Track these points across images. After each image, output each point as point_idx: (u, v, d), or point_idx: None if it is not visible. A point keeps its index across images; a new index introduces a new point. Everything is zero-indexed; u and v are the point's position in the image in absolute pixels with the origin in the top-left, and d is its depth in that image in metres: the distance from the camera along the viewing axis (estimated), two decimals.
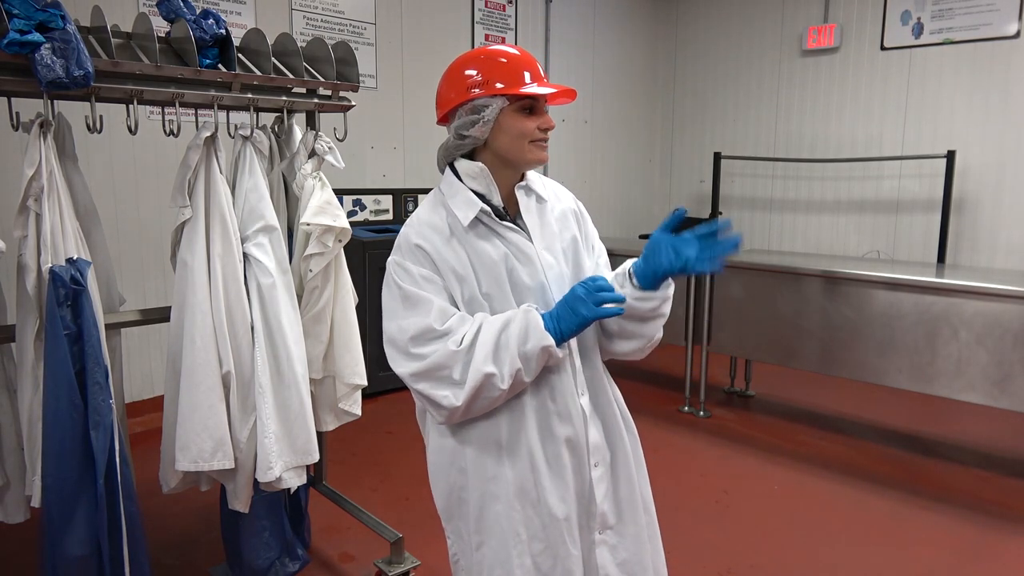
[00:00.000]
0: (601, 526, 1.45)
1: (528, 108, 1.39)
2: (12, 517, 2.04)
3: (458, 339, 1.32)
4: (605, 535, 1.46)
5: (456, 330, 1.33)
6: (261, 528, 2.38)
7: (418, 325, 1.34)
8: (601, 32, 6.47)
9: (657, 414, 4.24)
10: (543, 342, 1.30)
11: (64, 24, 1.79)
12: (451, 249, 1.38)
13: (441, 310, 1.35)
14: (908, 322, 3.40)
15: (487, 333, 1.32)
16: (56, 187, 1.84)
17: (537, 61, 1.43)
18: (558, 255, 1.45)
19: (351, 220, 3.49)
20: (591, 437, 1.44)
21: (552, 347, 1.31)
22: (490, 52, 1.41)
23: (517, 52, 1.42)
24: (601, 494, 1.45)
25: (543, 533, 1.40)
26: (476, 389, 1.31)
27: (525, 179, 1.47)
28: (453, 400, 1.32)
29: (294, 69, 2.28)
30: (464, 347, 1.31)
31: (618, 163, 6.82)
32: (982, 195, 5.24)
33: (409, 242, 1.40)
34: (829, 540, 2.83)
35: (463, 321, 1.35)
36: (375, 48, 4.91)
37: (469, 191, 1.40)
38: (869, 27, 5.66)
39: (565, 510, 1.40)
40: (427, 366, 1.33)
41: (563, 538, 1.40)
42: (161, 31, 2.12)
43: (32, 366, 1.88)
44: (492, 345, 1.31)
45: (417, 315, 1.34)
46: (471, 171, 1.41)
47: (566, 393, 1.41)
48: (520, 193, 1.45)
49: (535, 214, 1.46)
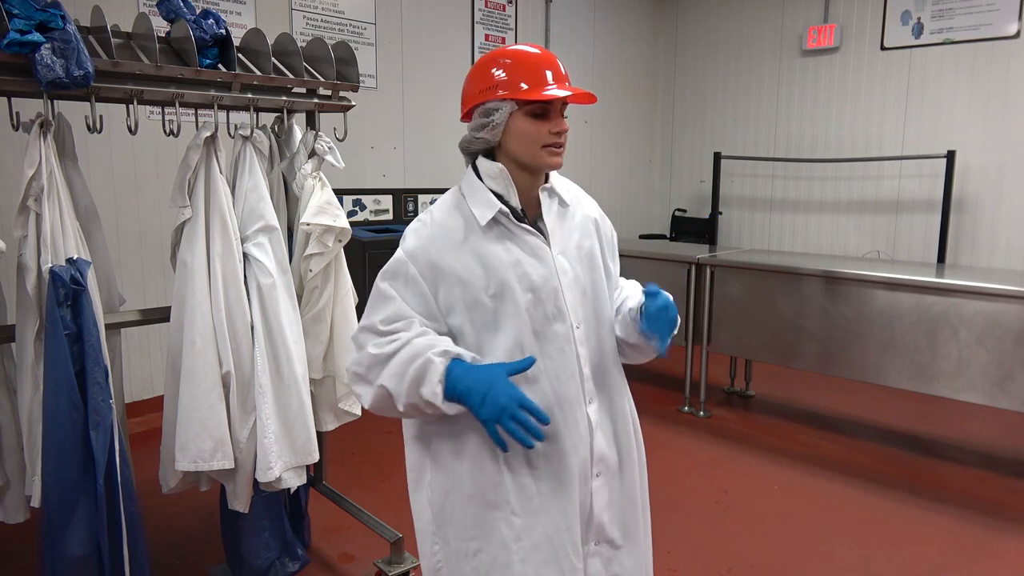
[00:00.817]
0: (597, 537, 1.43)
1: (539, 112, 1.35)
2: (12, 517, 2.04)
3: (383, 342, 1.32)
4: (601, 547, 1.43)
5: (392, 336, 1.32)
6: (261, 528, 2.38)
7: (366, 321, 1.37)
8: (601, 32, 6.47)
9: (657, 414, 4.24)
10: (433, 398, 1.27)
11: (64, 24, 1.79)
12: (457, 255, 1.36)
13: (395, 313, 1.34)
14: (908, 322, 3.39)
15: (404, 353, 1.30)
16: (56, 187, 1.84)
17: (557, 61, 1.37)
18: (574, 261, 1.42)
19: (351, 220, 3.49)
20: (596, 446, 1.41)
21: (438, 404, 1.28)
22: (509, 53, 1.38)
23: (537, 52, 1.38)
24: (600, 504, 1.42)
25: (547, 544, 1.37)
26: (377, 399, 1.33)
27: (549, 181, 1.44)
28: (364, 400, 1.36)
29: (294, 69, 2.28)
30: (383, 353, 1.31)
31: (618, 163, 6.82)
32: (982, 195, 5.24)
33: (408, 243, 1.39)
34: (829, 540, 2.83)
35: (408, 327, 1.33)
36: (375, 48, 4.91)
37: (488, 191, 1.39)
38: (869, 27, 5.66)
39: (568, 520, 1.37)
40: (353, 361, 1.36)
41: (566, 550, 1.37)
42: (161, 31, 2.12)
43: (32, 366, 1.88)
44: (399, 367, 1.29)
45: (373, 313, 1.36)
46: (491, 171, 1.40)
47: (573, 401, 1.39)
48: (543, 195, 1.43)
49: (556, 217, 1.43)
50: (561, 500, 1.37)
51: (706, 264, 4.12)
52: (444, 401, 1.27)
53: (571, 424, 1.38)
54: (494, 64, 1.36)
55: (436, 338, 1.32)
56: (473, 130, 1.39)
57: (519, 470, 1.37)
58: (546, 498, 1.37)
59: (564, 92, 1.32)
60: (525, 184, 1.42)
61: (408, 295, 1.35)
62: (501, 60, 1.37)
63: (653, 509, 1.59)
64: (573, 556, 1.38)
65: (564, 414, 1.38)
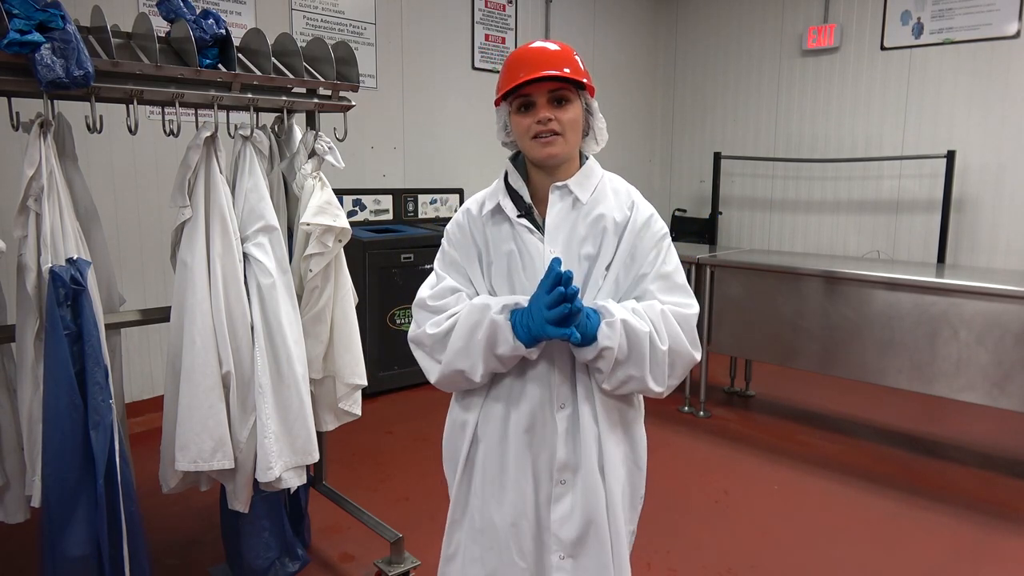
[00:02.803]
0: (559, 548, 1.41)
1: (524, 106, 1.38)
2: (12, 517, 2.04)
3: (439, 321, 1.41)
4: (565, 563, 1.41)
5: (443, 310, 1.42)
6: (261, 528, 2.38)
7: (420, 294, 1.47)
8: (601, 32, 6.47)
9: (657, 414, 4.23)
10: (514, 351, 1.35)
11: (64, 24, 1.79)
12: (483, 232, 1.46)
13: (445, 288, 1.44)
14: (908, 322, 3.40)
15: (460, 329, 1.38)
16: (56, 187, 1.84)
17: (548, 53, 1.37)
18: (572, 261, 1.40)
19: (351, 220, 3.49)
20: (559, 453, 1.40)
21: (523, 351, 1.35)
22: (510, 55, 1.44)
23: (526, 47, 1.41)
24: (559, 513, 1.41)
25: (485, 539, 1.47)
26: (449, 379, 1.43)
27: (567, 178, 1.43)
28: (434, 376, 1.44)
29: (294, 69, 2.28)
30: (440, 332, 1.40)
31: (618, 163, 6.80)
32: (982, 195, 5.24)
33: (453, 222, 1.52)
34: (829, 540, 2.83)
35: (457, 302, 1.43)
36: (375, 48, 4.91)
37: (504, 186, 1.47)
38: (869, 27, 5.66)
39: (511, 518, 1.43)
40: (413, 335, 1.46)
41: (509, 545, 1.43)
42: (161, 31, 2.12)
43: (32, 366, 1.88)
44: (463, 343, 1.37)
45: (427, 287, 1.48)
46: (510, 168, 1.49)
47: (544, 404, 1.41)
48: (554, 194, 1.43)
49: (561, 215, 1.42)
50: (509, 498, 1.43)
51: (706, 264, 4.12)
52: (527, 349, 1.34)
53: (540, 426, 1.42)
54: (501, 69, 1.44)
55: (484, 300, 1.39)
56: (497, 133, 1.50)
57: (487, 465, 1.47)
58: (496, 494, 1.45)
59: (530, 77, 1.33)
60: (540, 181, 1.45)
61: (450, 272, 1.48)
62: (504, 64, 1.43)
63: (653, 509, 1.59)
64: (516, 555, 1.43)
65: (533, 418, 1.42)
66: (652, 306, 1.38)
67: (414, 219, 5.12)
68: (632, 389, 1.39)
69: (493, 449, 1.44)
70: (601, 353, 1.32)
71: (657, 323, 1.36)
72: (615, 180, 1.51)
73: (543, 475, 1.42)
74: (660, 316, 1.37)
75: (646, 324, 1.34)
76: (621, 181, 1.52)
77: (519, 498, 1.42)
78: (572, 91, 1.38)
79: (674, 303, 1.40)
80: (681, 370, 1.41)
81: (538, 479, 1.42)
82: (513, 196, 1.45)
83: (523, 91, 1.36)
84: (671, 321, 1.37)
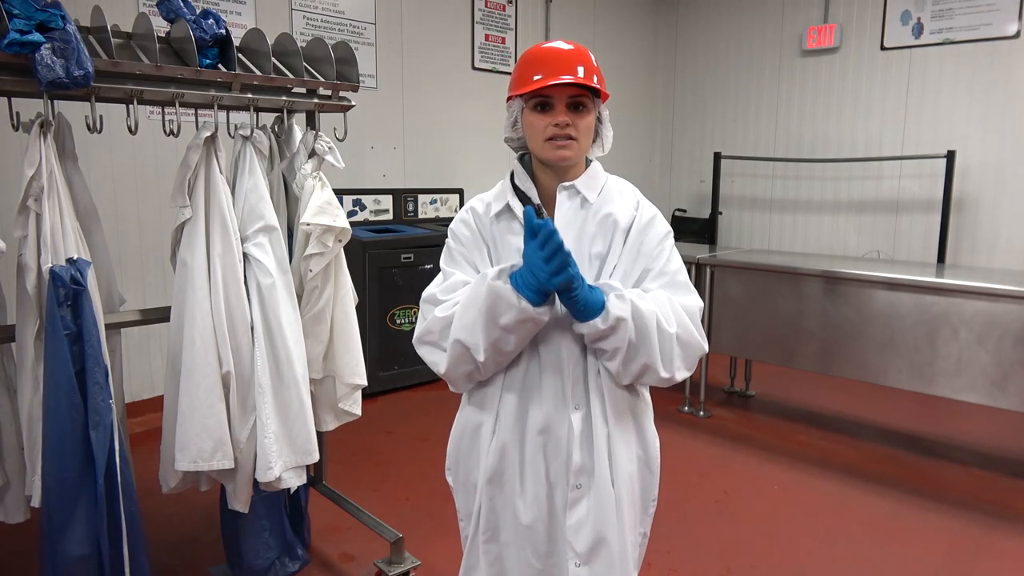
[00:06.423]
0: (574, 555, 1.40)
1: (541, 105, 1.37)
2: (12, 517, 2.04)
3: (447, 306, 1.38)
4: (581, 570, 1.40)
5: (451, 298, 1.39)
6: (261, 528, 2.38)
7: (429, 290, 1.44)
8: (601, 32, 6.47)
9: (657, 414, 4.21)
10: (521, 314, 1.27)
11: (64, 24, 1.79)
12: (491, 231, 1.46)
13: (455, 282, 1.41)
14: (908, 322, 3.39)
15: (463, 304, 1.35)
16: (56, 187, 1.84)
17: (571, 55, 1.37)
18: (582, 260, 1.40)
19: (351, 220, 3.49)
20: (575, 457, 1.38)
21: (531, 311, 1.27)
22: (529, 51, 1.42)
23: (550, 47, 1.40)
24: (575, 519, 1.39)
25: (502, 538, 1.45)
26: (456, 362, 1.36)
27: (574, 179, 1.43)
28: (442, 366, 1.38)
29: (294, 69, 2.28)
30: (449, 316, 1.36)
31: (618, 163, 6.82)
32: (982, 195, 5.24)
33: (457, 220, 1.51)
34: (829, 540, 2.83)
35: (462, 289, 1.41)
36: (375, 48, 4.91)
37: (511, 186, 1.46)
38: (869, 27, 5.66)
39: (530, 517, 1.42)
40: (420, 330, 1.41)
41: (524, 545, 1.43)
42: (161, 31, 2.12)
43: (32, 366, 1.88)
44: (467, 318, 1.33)
45: (434, 285, 1.45)
46: (517, 167, 1.48)
47: (558, 404, 1.39)
48: (562, 194, 1.43)
49: (567, 216, 1.42)
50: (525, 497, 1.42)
51: (706, 264, 4.12)
52: (536, 309, 1.27)
53: (556, 426, 1.40)
54: (518, 64, 1.43)
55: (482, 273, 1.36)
56: (505, 128, 1.47)
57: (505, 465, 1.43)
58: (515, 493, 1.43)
59: (553, 81, 1.33)
60: (547, 180, 1.46)
61: (460, 267, 1.46)
62: (521, 59, 1.42)
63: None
64: (532, 556, 1.43)
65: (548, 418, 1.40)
66: (657, 294, 1.38)
67: (414, 219, 5.12)
68: (647, 381, 1.40)
69: (510, 451, 1.42)
70: (615, 326, 1.29)
71: (664, 308, 1.35)
72: (619, 182, 1.52)
73: (559, 478, 1.41)
74: (667, 302, 1.37)
75: (652, 307, 1.33)
76: (624, 183, 1.53)
77: (535, 500, 1.41)
78: (590, 98, 1.39)
79: (678, 299, 1.41)
80: (691, 358, 1.39)
81: (553, 482, 1.41)
82: (520, 197, 1.45)
83: (543, 91, 1.36)
84: (678, 309, 1.37)
